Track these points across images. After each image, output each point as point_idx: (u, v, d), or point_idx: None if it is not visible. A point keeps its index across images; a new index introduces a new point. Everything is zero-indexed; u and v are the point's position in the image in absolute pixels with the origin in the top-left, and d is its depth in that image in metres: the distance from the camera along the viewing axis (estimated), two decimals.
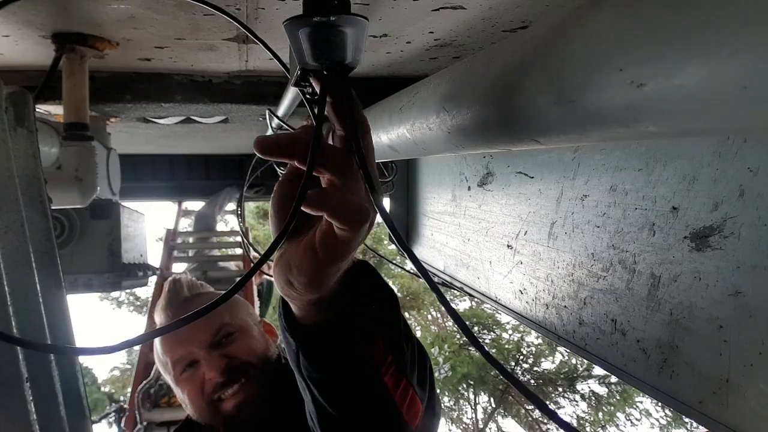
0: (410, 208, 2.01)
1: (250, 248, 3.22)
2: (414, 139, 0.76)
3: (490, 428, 8.84)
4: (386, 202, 2.24)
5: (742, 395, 0.60)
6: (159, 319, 1.09)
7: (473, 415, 8.82)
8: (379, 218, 0.42)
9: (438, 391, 0.75)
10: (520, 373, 8.45)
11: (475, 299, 1.52)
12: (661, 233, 0.74)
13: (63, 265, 0.70)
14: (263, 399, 0.98)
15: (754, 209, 0.59)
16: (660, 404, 7.48)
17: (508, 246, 1.21)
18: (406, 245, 0.39)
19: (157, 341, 1.08)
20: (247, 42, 1.10)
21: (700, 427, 0.68)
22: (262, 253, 0.40)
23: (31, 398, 0.59)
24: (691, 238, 0.68)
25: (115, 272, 1.67)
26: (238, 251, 3.64)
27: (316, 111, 0.40)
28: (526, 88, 0.45)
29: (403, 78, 1.47)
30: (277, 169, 2.04)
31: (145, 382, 2.21)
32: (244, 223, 3.13)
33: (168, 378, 1.07)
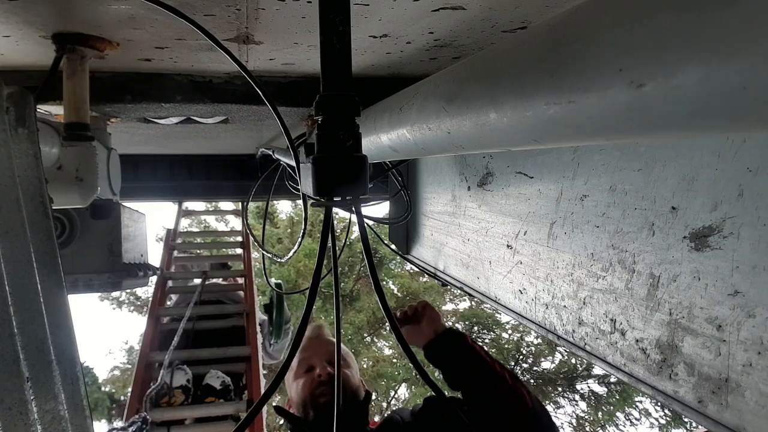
0: (410, 208, 2.01)
1: (256, 245, 3.21)
2: (414, 139, 0.76)
3: None
4: (386, 205, 2.25)
5: (742, 395, 0.61)
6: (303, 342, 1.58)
7: None
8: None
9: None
10: (519, 372, 8.45)
11: (475, 299, 1.52)
12: (660, 233, 0.74)
13: (64, 265, 0.70)
14: (344, 408, 1.40)
15: (754, 209, 0.59)
16: (659, 404, 7.47)
17: (508, 246, 1.21)
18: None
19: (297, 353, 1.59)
20: (247, 42, 1.10)
21: (700, 426, 0.69)
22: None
23: (32, 398, 0.59)
24: (690, 238, 0.68)
25: (116, 272, 1.67)
26: (239, 251, 3.64)
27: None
28: (525, 88, 0.45)
29: (403, 78, 1.47)
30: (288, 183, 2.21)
31: (153, 387, 2.20)
32: (246, 220, 3.13)
33: (290, 374, 1.52)
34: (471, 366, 1.39)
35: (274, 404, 1.63)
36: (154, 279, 2.72)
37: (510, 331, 8.85)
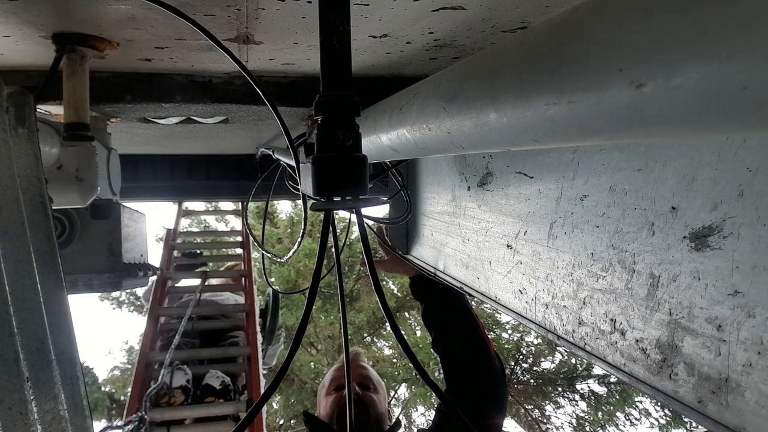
0: (410, 208, 2.01)
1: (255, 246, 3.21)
2: (414, 139, 0.76)
3: None
4: (386, 207, 2.28)
5: (742, 395, 0.61)
6: (333, 368, 1.75)
7: None
8: None
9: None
10: (519, 373, 8.44)
11: (475, 299, 1.52)
12: (660, 233, 0.74)
13: (63, 265, 0.70)
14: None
15: (754, 209, 0.59)
16: (659, 404, 7.47)
17: (508, 246, 1.21)
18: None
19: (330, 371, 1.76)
20: (247, 42, 1.10)
21: (700, 426, 0.69)
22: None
23: (32, 398, 0.59)
24: (690, 238, 0.68)
25: (116, 272, 1.67)
26: (239, 251, 3.64)
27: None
28: (525, 88, 0.45)
29: (403, 78, 1.47)
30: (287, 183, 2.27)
31: (153, 386, 2.20)
32: (246, 220, 3.13)
33: (321, 390, 1.69)
34: (450, 306, 1.54)
35: (303, 411, 1.78)
36: (153, 279, 2.72)
37: (510, 331, 8.84)
